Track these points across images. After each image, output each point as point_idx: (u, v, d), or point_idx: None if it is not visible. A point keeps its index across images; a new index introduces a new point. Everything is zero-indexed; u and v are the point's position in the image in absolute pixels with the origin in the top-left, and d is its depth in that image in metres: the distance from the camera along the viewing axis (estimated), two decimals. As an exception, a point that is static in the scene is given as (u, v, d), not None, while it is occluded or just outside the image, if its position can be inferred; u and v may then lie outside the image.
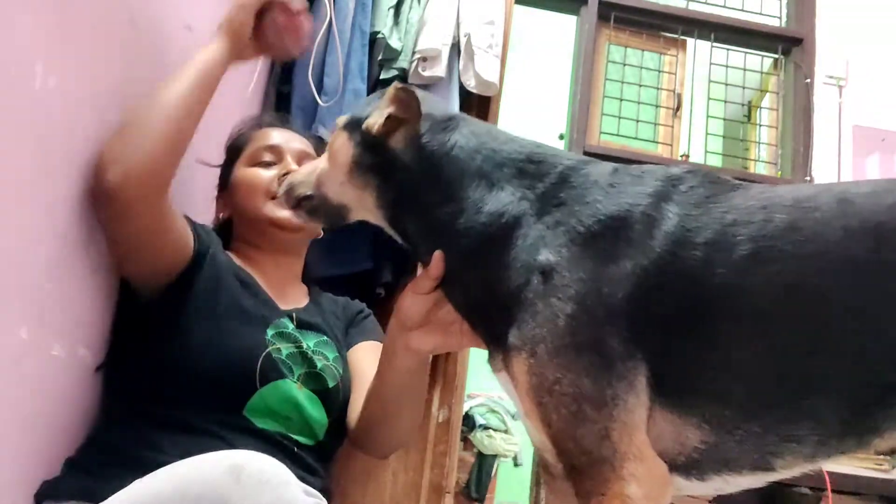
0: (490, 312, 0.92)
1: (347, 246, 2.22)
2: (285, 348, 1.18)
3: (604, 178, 0.91)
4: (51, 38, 0.93)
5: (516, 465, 4.49)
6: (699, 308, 0.81)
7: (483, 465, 4.07)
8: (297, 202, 1.11)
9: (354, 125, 1.05)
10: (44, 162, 0.94)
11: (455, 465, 2.46)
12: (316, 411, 1.17)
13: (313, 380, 1.18)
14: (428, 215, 0.99)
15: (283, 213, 1.28)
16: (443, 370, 2.48)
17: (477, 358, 3.00)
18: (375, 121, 1.00)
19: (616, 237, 0.84)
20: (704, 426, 0.81)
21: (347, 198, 1.06)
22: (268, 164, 1.33)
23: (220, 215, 1.39)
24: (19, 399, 0.94)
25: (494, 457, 4.11)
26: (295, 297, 1.33)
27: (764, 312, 0.80)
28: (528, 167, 0.95)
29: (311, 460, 1.15)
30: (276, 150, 1.35)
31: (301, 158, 1.36)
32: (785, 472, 0.84)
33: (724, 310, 0.81)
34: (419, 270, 2.67)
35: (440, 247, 0.98)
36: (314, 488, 1.05)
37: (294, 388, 1.15)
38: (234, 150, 1.38)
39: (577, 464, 0.80)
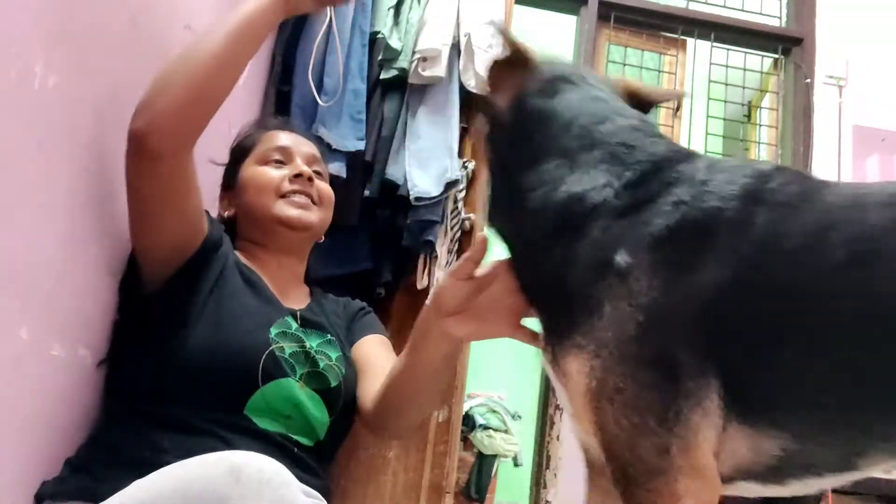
0: (552, 299, 0.88)
1: (347, 246, 2.22)
2: (288, 347, 1.17)
3: (697, 174, 0.84)
4: (51, 38, 0.93)
5: (516, 465, 4.48)
6: (786, 318, 0.77)
7: (483, 465, 4.06)
8: None
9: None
10: (43, 162, 0.94)
11: (455, 465, 2.45)
12: (317, 411, 1.17)
13: (315, 379, 1.18)
14: (508, 180, 0.94)
15: (293, 212, 1.29)
16: (443, 370, 2.48)
17: (477, 358, 2.99)
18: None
19: (700, 243, 0.79)
20: (786, 434, 0.77)
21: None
22: (278, 164, 1.33)
23: (225, 214, 1.37)
24: (19, 399, 0.94)
25: (494, 457, 4.11)
26: (297, 298, 1.33)
27: (857, 317, 0.76)
28: (620, 151, 0.87)
29: (311, 461, 1.15)
30: (286, 152, 1.34)
31: (310, 161, 1.36)
32: (867, 470, 0.81)
33: (815, 318, 0.77)
34: (419, 270, 2.67)
35: (512, 218, 0.94)
36: (314, 489, 1.05)
37: (296, 387, 1.15)
38: (242, 151, 1.37)
39: (630, 472, 0.77)
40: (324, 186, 1.37)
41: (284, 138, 1.37)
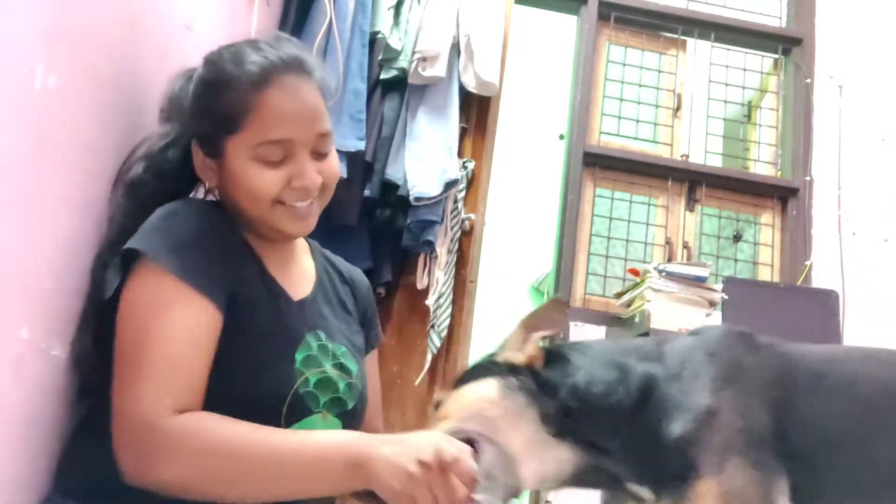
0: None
1: (347, 246, 2.22)
2: (312, 375, 1.09)
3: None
4: (51, 38, 0.93)
5: (516, 465, 4.46)
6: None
7: (483, 465, 4.05)
8: None
9: None
10: (44, 162, 0.94)
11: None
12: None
13: (336, 405, 1.12)
14: None
15: (293, 227, 1.12)
16: (442, 370, 2.48)
17: (476, 358, 2.97)
18: None
19: None
20: None
21: None
22: (275, 163, 1.08)
23: (207, 184, 1.15)
24: (19, 399, 0.94)
25: (494, 457, 4.10)
26: (301, 275, 1.20)
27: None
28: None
29: None
30: (287, 146, 1.08)
31: (316, 143, 1.10)
32: None
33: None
34: (419, 270, 2.67)
35: None
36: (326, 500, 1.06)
37: (318, 421, 1.09)
38: (227, 121, 1.07)
39: None
40: (330, 169, 1.13)
41: (286, 123, 1.07)
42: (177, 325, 0.99)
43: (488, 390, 1.10)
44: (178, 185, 1.16)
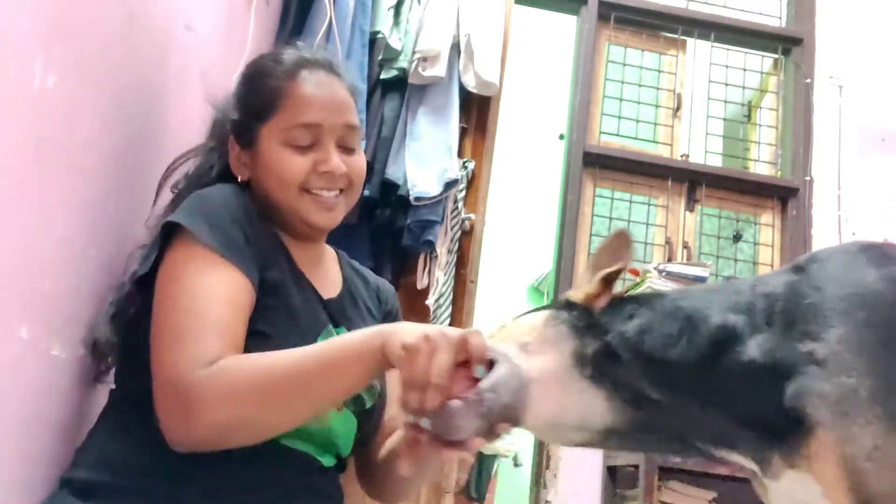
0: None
1: (347, 245, 2.22)
2: None
3: None
4: (51, 38, 0.93)
5: (516, 465, 4.49)
6: None
7: (483, 466, 4.06)
8: None
9: None
10: (43, 162, 0.94)
11: (455, 465, 2.45)
12: (347, 430, 1.12)
13: (353, 401, 1.11)
14: None
15: (318, 217, 1.15)
16: (443, 370, 2.48)
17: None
18: None
19: None
20: None
21: None
22: (304, 150, 1.13)
23: (240, 178, 1.18)
24: (19, 399, 0.94)
25: (494, 457, 4.11)
26: (328, 278, 1.22)
27: None
28: None
29: (332, 485, 1.12)
30: (316, 131, 1.13)
31: (344, 134, 1.16)
32: None
33: None
34: (419, 270, 2.66)
35: None
36: None
37: (334, 413, 1.09)
38: (263, 108, 1.15)
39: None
40: (356, 164, 1.18)
41: (316, 106, 1.14)
42: (212, 289, 1.00)
43: (535, 318, 1.03)
44: None
